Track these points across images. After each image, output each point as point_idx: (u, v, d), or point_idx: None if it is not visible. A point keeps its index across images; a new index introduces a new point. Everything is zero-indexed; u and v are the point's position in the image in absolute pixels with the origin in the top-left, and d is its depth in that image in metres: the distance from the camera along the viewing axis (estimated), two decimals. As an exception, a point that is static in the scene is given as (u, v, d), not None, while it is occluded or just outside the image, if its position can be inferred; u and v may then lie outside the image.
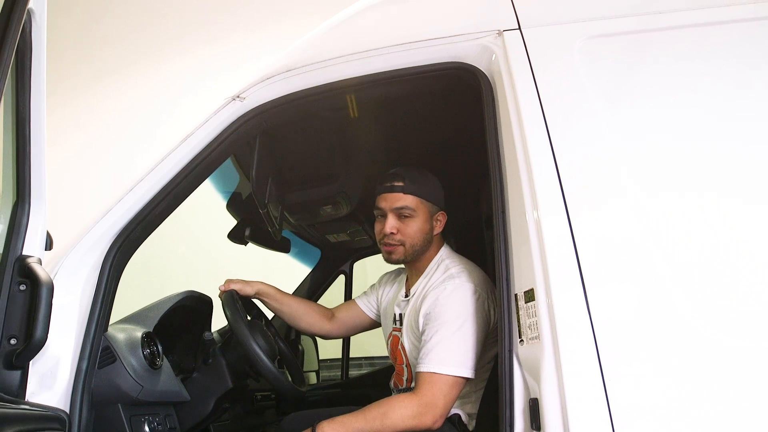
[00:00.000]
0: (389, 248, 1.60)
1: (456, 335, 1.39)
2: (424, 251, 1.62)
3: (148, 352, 1.42)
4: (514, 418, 1.10)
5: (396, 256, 1.60)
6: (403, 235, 1.58)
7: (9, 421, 0.83)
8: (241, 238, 2.24)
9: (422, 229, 1.59)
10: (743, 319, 1.04)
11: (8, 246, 1.07)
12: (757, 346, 1.02)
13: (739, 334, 1.03)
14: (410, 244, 1.58)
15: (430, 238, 1.62)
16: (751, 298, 1.05)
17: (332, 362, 3.29)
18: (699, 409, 0.99)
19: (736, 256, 1.08)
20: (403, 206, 1.57)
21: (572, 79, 1.25)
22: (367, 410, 1.38)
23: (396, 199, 1.58)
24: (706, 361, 1.01)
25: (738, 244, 1.08)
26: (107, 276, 1.33)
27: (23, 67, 1.00)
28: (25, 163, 1.08)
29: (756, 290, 1.05)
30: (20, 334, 1.04)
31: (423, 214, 1.59)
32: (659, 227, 1.10)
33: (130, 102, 4.07)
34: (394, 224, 1.58)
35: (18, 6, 0.89)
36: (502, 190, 1.26)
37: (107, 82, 4.10)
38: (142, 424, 1.36)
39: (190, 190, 1.45)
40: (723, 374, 1.01)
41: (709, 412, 0.99)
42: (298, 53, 1.48)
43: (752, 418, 0.98)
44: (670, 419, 0.99)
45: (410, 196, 1.58)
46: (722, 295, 1.06)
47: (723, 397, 0.99)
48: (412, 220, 1.58)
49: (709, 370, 1.01)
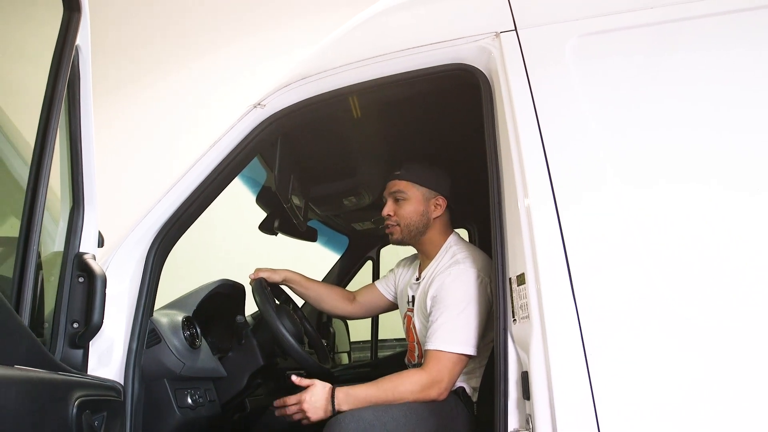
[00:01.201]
0: (389, 230, 1.79)
1: (460, 316, 1.50)
2: (422, 233, 1.75)
3: (189, 333, 1.58)
4: (509, 389, 1.18)
5: (395, 236, 1.78)
6: (398, 216, 1.75)
7: (78, 387, 1.00)
8: (271, 229, 2.38)
9: (416, 210, 1.74)
10: (719, 301, 1.09)
11: (68, 244, 1.24)
12: (735, 325, 1.06)
13: (714, 314, 1.08)
14: (405, 224, 1.74)
15: (427, 220, 1.75)
16: (729, 283, 1.10)
17: (365, 344, 3.40)
18: (671, 380, 1.06)
19: (717, 244, 1.12)
20: (396, 190, 1.76)
21: (563, 76, 1.29)
22: (380, 382, 1.52)
23: (393, 185, 1.77)
24: (680, 340, 1.07)
25: (720, 234, 1.12)
26: (151, 268, 1.48)
27: (73, 93, 1.17)
28: (78, 173, 1.24)
29: (734, 275, 1.10)
30: (81, 319, 1.19)
31: (415, 196, 1.75)
32: (641, 218, 1.16)
33: (154, 106, 4.26)
34: (390, 207, 1.77)
35: (68, 44, 1.05)
36: (499, 182, 1.33)
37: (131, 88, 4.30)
38: (185, 396, 1.51)
39: (220, 189, 1.59)
40: (696, 352, 1.06)
41: (680, 384, 1.05)
42: (312, 62, 1.58)
43: (730, 394, 1.04)
44: (645, 388, 1.06)
45: (403, 182, 1.76)
46: (701, 281, 1.11)
47: (695, 373, 1.05)
48: (405, 203, 1.74)
49: (683, 347, 1.07)
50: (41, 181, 1.03)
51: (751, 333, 1.07)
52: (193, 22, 4.41)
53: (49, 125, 1.04)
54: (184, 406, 1.50)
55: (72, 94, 1.17)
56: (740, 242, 1.12)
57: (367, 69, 1.53)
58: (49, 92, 1.06)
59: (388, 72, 1.52)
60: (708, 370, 1.06)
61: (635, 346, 1.09)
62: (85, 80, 1.17)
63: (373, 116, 1.78)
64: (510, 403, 1.18)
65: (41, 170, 1.03)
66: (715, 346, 1.07)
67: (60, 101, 1.06)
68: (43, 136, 1.04)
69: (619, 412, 1.06)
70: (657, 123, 1.24)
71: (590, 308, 1.13)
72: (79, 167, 1.24)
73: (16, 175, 1.30)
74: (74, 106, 1.18)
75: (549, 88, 1.31)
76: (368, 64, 1.53)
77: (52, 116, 1.05)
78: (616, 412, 1.06)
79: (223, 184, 1.59)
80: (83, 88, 1.18)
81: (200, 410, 1.56)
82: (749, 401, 1.03)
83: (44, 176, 1.03)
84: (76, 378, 1.05)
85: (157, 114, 4.32)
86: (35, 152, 1.05)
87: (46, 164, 1.04)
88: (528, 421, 1.12)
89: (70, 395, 0.95)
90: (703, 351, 1.07)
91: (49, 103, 1.05)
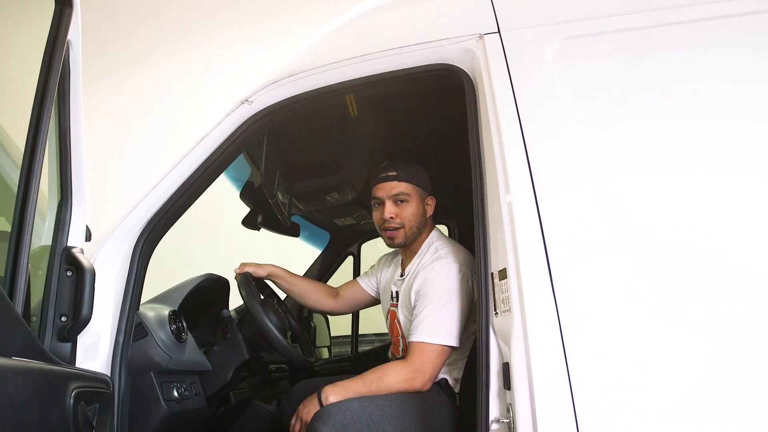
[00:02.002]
0: (391, 233, 1.75)
1: (443, 309, 1.55)
2: (421, 233, 1.77)
3: (175, 327, 1.59)
4: (490, 380, 1.22)
5: (398, 239, 1.75)
6: (401, 218, 1.73)
7: (74, 379, 1.02)
8: (254, 224, 2.38)
9: (417, 212, 1.74)
10: (698, 293, 1.14)
11: (56, 238, 1.24)
12: (713, 316, 1.11)
13: (693, 307, 1.13)
14: (408, 226, 1.73)
15: (425, 221, 1.78)
16: (708, 275, 1.14)
17: (344, 339, 3.43)
18: (647, 371, 1.10)
19: (696, 238, 1.16)
20: (398, 192, 1.73)
21: (545, 78, 1.33)
22: (365, 375, 1.56)
23: (392, 187, 1.74)
24: (657, 332, 1.11)
25: (699, 227, 1.17)
26: (137, 262, 1.48)
27: (63, 88, 1.17)
28: (66, 167, 1.25)
29: (713, 266, 1.14)
30: (69, 313, 1.20)
31: (416, 198, 1.75)
32: (619, 214, 1.20)
33: (141, 98, 4.21)
34: (392, 209, 1.73)
35: (60, 39, 1.06)
36: (481, 179, 1.36)
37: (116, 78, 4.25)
38: (171, 389, 1.53)
39: (206, 185, 1.59)
40: (673, 344, 1.10)
41: (656, 375, 1.10)
42: (301, 59, 1.60)
43: (706, 384, 1.08)
44: (621, 379, 1.10)
45: (404, 183, 1.74)
46: (679, 275, 1.15)
47: (671, 365, 1.10)
48: (407, 205, 1.73)
49: (660, 339, 1.11)
50: (33, 175, 1.04)
51: (729, 323, 1.12)
52: (181, 17, 4.36)
53: (41, 120, 1.05)
54: (170, 399, 1.52)
55: (62, 89, 1.17)
56: (719, 234, 1.17)
57: (354, 67, 1.55)
58: (41, 87, 1.06)
59: (375, 71, 1.54)
60: (685, 363, 1.11)
61: (612, 337, 1.14)
62: (75, 75, 1.18)
63: (359, 114, 1.80)
64: (491, 393, 1.22)
65: (33, 164, 1.04)
66: (693, 338, 1.12)
67: (52, 96, 1.07)
68: (35, 131, 1.04)
69: (595, 401, 1.10)
70: (634, 121, 1.29)
71: (569, 302, 1.16)
72: (67, 162, 1.24)
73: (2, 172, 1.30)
74: (64, 101, 1.18)
75: (531, 88, 1.34)
76: (355, 62, 1.55)
77: (44, 111, 1.05)
78: (592, 401, 1.10)
79: (210, 179, 1.60)
80: (73, 83, 1.18)
81: (186, 403, 1.57)
82: (725, 389, 1.08)
83: (36, 171, 1.04)
84: (71, 370, 1.06)
85: (144, 108, 4.26)
86: (27, 147, 1.05)
87: (38, 159, 1.04)
88: (508, 410, 1.16)
89: (68, 386, 0.96)
90: (680, 343, 1.12)
91: (41, 97, 1.06)
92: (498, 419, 1.19)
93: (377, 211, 1.78)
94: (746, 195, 1.20)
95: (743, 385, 1.08)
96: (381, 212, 1.76)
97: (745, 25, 1.33)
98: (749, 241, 1.17)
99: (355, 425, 1.43)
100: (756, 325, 1.12)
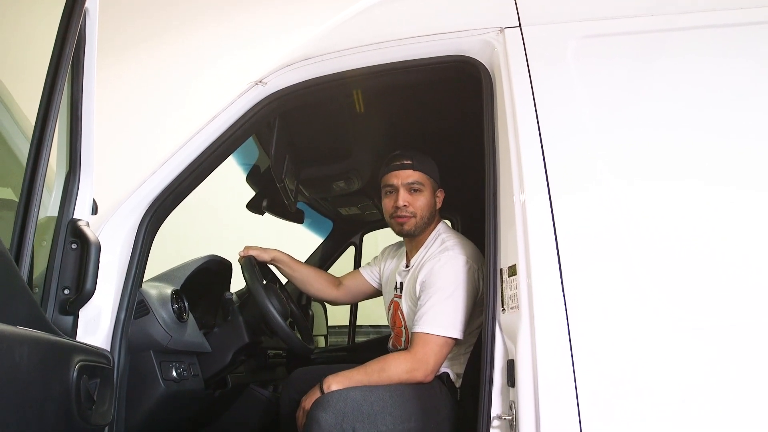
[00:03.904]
0: (402, 219, 1.73)
1: (448, 301, 1.54)
2: (429, 224, 1.76)
3: (177, 307, 1.58)
4: (494, 376, 1.21)
5: (408, 227, 1.73)
6: (414, 207, 1.72)
7: (77, 351, 1.00)
8: (259, 208, 2.39)
9: (429, 202, 1.74)
10: (706, 296, 1.14)
11: (62, 210, 1.22)
12: (721, 318, 1.12)
13: (701, 309, 1.13)
14: (420, 215, 1.73)
15: (435, 212, 1.77)
16: (716, 277, 1.15)
17: (341, 329, 3.43)
18: (654, 375, 1.10)
19: (705, 241, 1.17)
20: (413, 181, 1.72)
21: (564, 75, 1.32)
22: (367, 365, 1.55)
23: (407, 175, 1.73)
24: (666, 336, 1.12)
25: (707, 230, 1.18)
26: (142, 239, 1.47)
27: (78, 58, 1.15)
28: (76, 139, 1.23)
29: (721, 269, 1.15)
30: (72, 286, 1.19)
31: (429, 189, 1.75)
32: (632, 215, 1.20)
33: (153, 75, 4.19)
34: (406, 197, 1.72)
35: (77, 6, 1.04)
36: (495, 174, 1.35)
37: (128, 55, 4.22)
38: (170, 369, 1.52)
39: (215, 165, 1.58)
40: (681, 347, 1.11)
41: (663, 380, 1.10)
42: (316, 43, 1.58)
43: (714, 386, 1.09)
44: (628, 382, 1.10)
45: (419, 173, 1.73)
46: (689, 277, 1.16)
47: (679, 369, 1.10)
48: (421, 194, 1.73)
49: (669, 344, 1.11)
50: (44, 145, 1.02)
51: (737, 326, 1.12)
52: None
53: (54, 89, 1.03)
54: (168, 379, 1.51)
55: (77, 59, 1.15)
56: (727, 237, 1.18)
57: (370, 54, 1.54)
58: (56, 56, 1.04)
59: (391, 59, 1.53)
60: (691, 364, 1.11)
61: (620, 338, 1.13)
62: (90, 45, 1.16)
63: (372, 102, 1.79)
64: (494, 389, 1.22)
65: (44, 134, 1.02)
66: (699, 340, 1.12)
67: (66, 66, 1.05)
68: (47, 101, 1.03)
69: (600, 402, 1.10)
70: (651, 124, 1.28)
71: (578, 301, 1.16)
72: (78, 133, 1.22)
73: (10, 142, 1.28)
74: (78, 71, 1.16)
75: (550, 85, 1.33)
76: (372, 49, 1.53)
77: (58, 80, 1.04)
78: (597, 402, 1.10)
79: (219, 159, 1.59)
80: (88, 52, 1.16)
81: (184, 383, 1.57)
82: (730, 392, 1.08)
83: (47, 140, 1.02)
84: (75, 343, 1.05)
85: (155, 83, 4.23)
86: (39, 116, 1.03)
87: (50, 129, 1.02)
88: (511, 408, 1.16)
89: (72, 359, 0.95)
90: (687, 345, 1.12)
91: (55, 66, 1.04)
92: (500, 416, 1.19)
93: (389, 198, 1.76)
94: (759, 203, 1.20)
95: (748, 387, 1.09)
96: (394, 200, 1.74)
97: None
98: (757, 247, 1.17)
99: (355, 413, 1.43)
100: (763, 329, 1.12)
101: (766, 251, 1.16)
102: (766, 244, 1.17)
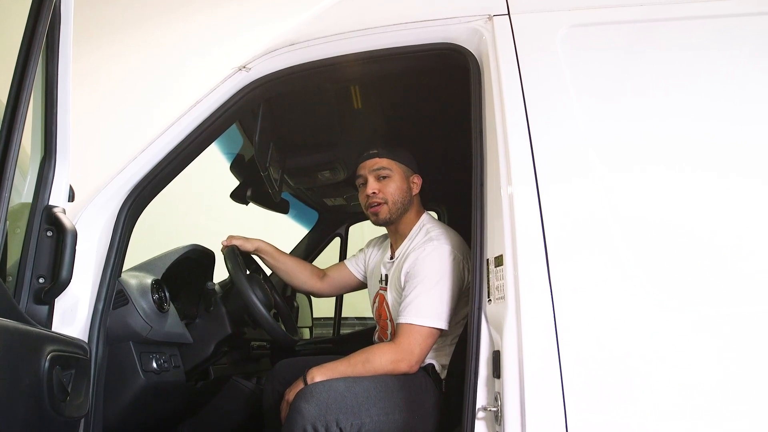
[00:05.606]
0: (374, 209, 1.74)
1: (432, 291, 1.52)
2: (406, 211, 1.75)
3: (157, 297, 1.55)
4: (479, 367, 1.21)
5: (382, 215, 1.74)
6: (384, 194, 1.73)
7: (49, 341, 0.97)
8: (243, 197, 2.35)
9: (400, 187, 1.74)
10: (694, 286, 1.14)
11: (37, 196, 1.18)
12: (708, 310, 1.12)
13: (688, 300, 1.13)
14: (392, 201, 1.73)
15: (410, 198, 1.76)
16: (704, 268, 1.15)
17: (326, 321, 3.44)
18: (640, 367, 1.10)
19: (693, 232, 1.17)
20: (380, 167, 1.74)
21: (553, 64, 1.31)
22: (351, 357, 1.53)
23: (373, 163, 1.74)
24: (653, 326, 1.11)
25: (696, 221, 1.18)
26: (122, 227, 1.43)
27: (53, 37, 1.10)
28: (52, 123, 1.18)
29: (709, 260, 1.15)
30: (47, 274, 1.15)
31: (398, 173, 1.75)
32: (620, 206, 1.19)
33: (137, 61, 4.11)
34: (374, 185, 1.73)
35: (51, -17, 0.99)
36: (482, 164, 1.34)
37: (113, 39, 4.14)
38: (150, 360, 1.49)
39: (197, 152, 1.54)
40: (668, 338, 1.10)
41: (650, 371, 1.09)
42: (302, 28, 1.55)
43: (701, 379, 1.09)
44: (614, 373, 1.10)
45: (385, 159, 1.75)
46: (676, 267, 1.16)
47: (666, 360, 1.10)
48: (390, 180, 1.73)
49: (656, 334, 1.11)
50: (15, 128, 0.98)
51: (725, 317, 1.12)
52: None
53: (27, 70, 0.98)
54: (148, 370, 1.48)
55: (51, 39, 1.10)
56: (718, 229, 1.18)
57: (356, 41, 1.52)
58: (28, 35, 1.00)
59: (378, 45, 1.51)
60: (677, 356, 1.10)
61: (606, 329, 1.13)
62: (66, 24, 1.11)
63: (358, 90, 1.76)
64: (480, 380, 1.21)
65: (16, 116, 0.98)
66: (686, 331, 1.12)
67: (40, 45, 1.00)
68: (19, 82, 0.98)
69: (586, 392, 1.10)
70: (640, 114, 1.28)
71: (564, 292, 1.15)
72: (53, 116, 1.18)
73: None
74: (53, 51, 1.11)
75: (538, 74, 1.32)
76: (358, 35, 1.51)
77: (30, 61, 0.99)
78: (582, 393, 1.10)
79: (202, 146, 1.55)
80: (63, 32, 1.12)
81: (165, 375, 1.54)
82: (717, 382, 1.08)
83: (19, 123, 0.98)
84: (47, 332, 1.01)
85: (136, 66, 4.15)
86: (10, 97, 0.99)
87: (22, 111, 0.98)
88: (496, 399, 1.15)
89: (43, 349, 0.92)
90: (674, 336, 1.12)
91: (27, 46, 0.99)
92: (485, 407, 1.18)
93: (362, 190, 1.79)
94: (750, 195, 1.20)
95: (735, 379, 1.08)
96: (365, 189, 1.76)
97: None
98: (748, 239, 1.16)
99: (338, 405, 1.41)
100: (754, 323, 1.11)
101: (756, 243, 1.16)
102: (756, 236, 1.16)
